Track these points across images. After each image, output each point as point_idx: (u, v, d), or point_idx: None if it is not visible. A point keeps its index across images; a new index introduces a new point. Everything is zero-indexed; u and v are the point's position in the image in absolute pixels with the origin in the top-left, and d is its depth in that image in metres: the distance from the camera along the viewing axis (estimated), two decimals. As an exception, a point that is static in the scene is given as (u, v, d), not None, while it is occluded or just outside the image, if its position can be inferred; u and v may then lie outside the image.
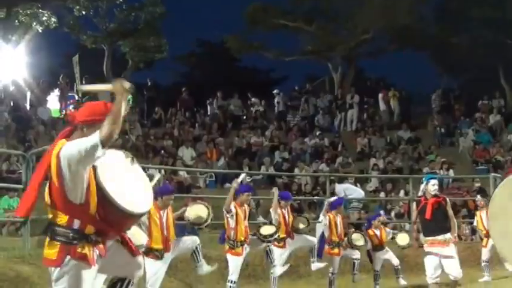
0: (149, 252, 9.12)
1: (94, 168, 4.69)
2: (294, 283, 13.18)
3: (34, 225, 12.35)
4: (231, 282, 10.48)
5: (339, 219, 12.96)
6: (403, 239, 13.60)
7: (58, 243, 4.68)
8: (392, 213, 19.28)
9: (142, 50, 28.39)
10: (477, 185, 20.30)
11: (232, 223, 10.50)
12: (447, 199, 10.70)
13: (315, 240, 12.30)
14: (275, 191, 12.31)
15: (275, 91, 29.01)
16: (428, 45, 30.76)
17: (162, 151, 21.59)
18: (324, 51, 30.70)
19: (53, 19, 24.89)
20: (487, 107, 27.81)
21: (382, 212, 17.18)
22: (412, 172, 21.94)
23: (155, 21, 28.36)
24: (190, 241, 9.81)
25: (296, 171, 21.49)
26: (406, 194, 19.55)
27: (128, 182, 4.98)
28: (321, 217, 13.03)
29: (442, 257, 10.28)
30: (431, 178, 10.70)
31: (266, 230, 11.09)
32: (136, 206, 4.89)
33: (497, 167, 22.18)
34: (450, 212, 10.54)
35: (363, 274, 13.60)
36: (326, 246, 12.67)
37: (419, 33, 29.64)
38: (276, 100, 28.50)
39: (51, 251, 4.70)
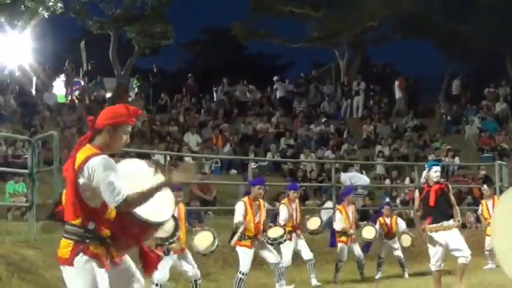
0: (158, 245, 8.95)
1: None
2: (300, 268, 13.20)
3: (39, 211, 12.39)
4: (241, 274, 10.35)
5: (350, 208, 13.02)
6: (406, 240, 13.72)
7: (71, 241, 4.70)
8: (398, 200, 19.27)
9: (148, 36, 28.29)
10: (482, 172, 20.28)
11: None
12: (449, 186, 10.63)
13: (311, 256, 12.27)
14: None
15: (275, 78, 28.88)
16: (434, 33, 30.59)
17: (168, 137, 21.64)
18: (331, 37, 30.59)
19: (59, 4, 24.79)
20: (493, 95, 27.76)
21: (387, 199, 17.18)
22: (418, 159, 21.93)
23: (161, 7, 28.24)
24: (192, 273, 9.74)
25: (302, 157, 21.48)
26: (412, 181, 19.53)
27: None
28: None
29: (448, 242, 10.21)
30: (434, 165, 10.62)
31: (274, 232, 11.04)
32: (154, 215, 4.79)
33: (503, 155, 22.15)
34: (452, 198, 10.48)
35: (367, 260, 13.64)
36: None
37: (425, 21, 29.50)
38: (274, 87, 28.40)
39: (64, 250, 4.73)
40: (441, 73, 31.68)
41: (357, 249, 13.08)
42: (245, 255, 10.39)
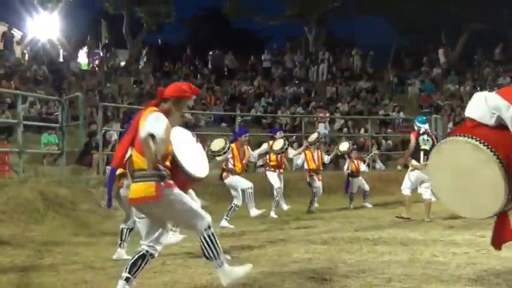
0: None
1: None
2: (347, 199, 13.45)
3: (68, 157, 12.40)
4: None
5: (317, 152, 12.92)
6: (343, 146, 13.63)
7: (153, 182, 4.55)
8: (355, 147, 19.31)
9: (154, 15, 27.96)
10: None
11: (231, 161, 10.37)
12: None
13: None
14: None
15: (210, 52, 28.29)
16: (385, 10, 30.48)
17: (171, 97, 21.52)
18: (301, 16, 30.40)
19: (81, -11, 24.55)
20: (431, 62, 27.76)
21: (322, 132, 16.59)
22: (370, 114, 22.05)
23: (165, -9, 28.00)
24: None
25: (279, 113, 21.48)
26: (366, 131, 19.64)
27: (191, 154, 4.97)
28: (295, 152, 12.87)
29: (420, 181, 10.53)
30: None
31: (216, 145, 9.75)
32: (198, 172, 4.92)
33: (438, 110, 22.25)
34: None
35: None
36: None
37: (379, 0, 29.27)
38: (209, 63, 27.77)
39: (149, 189, 4.53)
40: (390, 44, 31.55)
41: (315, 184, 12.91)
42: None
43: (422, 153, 10.50)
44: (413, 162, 10.62)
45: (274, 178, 11.73)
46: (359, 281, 5.28)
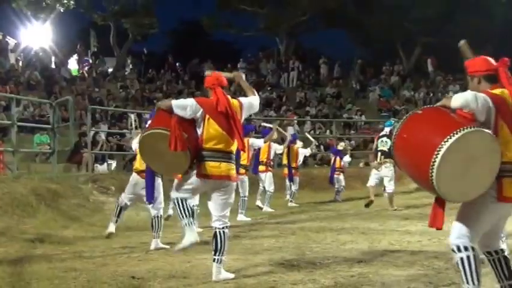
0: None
1: None
2: (315, 193, 13.41)
3: (59, 155, 12.27)
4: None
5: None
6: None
7: (233, 164, 4.92)
8: (322, 147, 19.45)
9: (139, 26, 27.73)
10: (381, 126, 20.54)
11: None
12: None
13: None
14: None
15: (178, 64, 28.07)
16: (347, 25, 30.71)
17: (155, 101, 21.38)
18: (273, 28, 30.44)
19: (72, 2, 24.35)
20: (389, 71, 28.01)
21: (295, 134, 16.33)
22: (335, 117, 22.17)
23: (149, 4, 27.79)
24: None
25: (253, 116, 21.47)
26: (331, 132, 19.75)
27: None
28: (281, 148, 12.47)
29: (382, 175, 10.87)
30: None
31: None
32: None
33: (395, 114, 22.47)
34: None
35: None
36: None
37: (342, 16, 29.46)
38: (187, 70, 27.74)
39: (232, 172, 4.88)
40: (352, 54, 31.77)
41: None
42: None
43: (379, 153, 10.88)
44: (374, 163, 10.92)
45: (269, 180, 11.34)
46: (324, 267, 5.33)
